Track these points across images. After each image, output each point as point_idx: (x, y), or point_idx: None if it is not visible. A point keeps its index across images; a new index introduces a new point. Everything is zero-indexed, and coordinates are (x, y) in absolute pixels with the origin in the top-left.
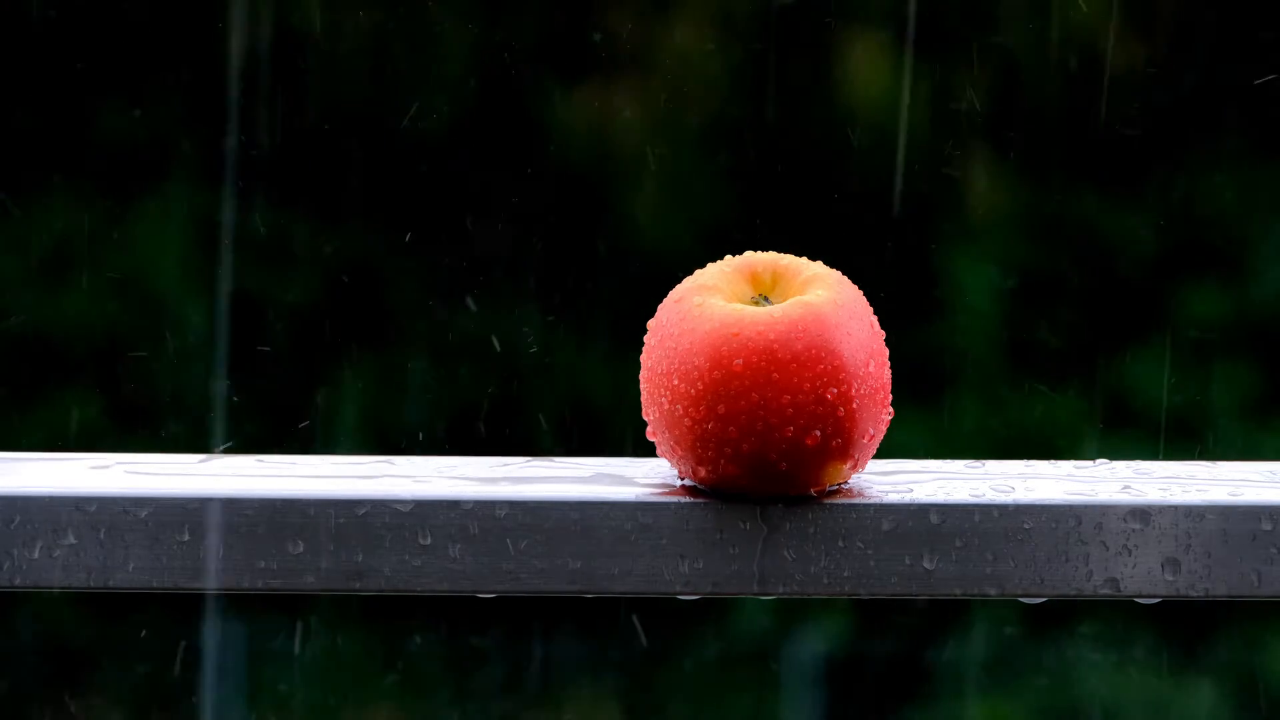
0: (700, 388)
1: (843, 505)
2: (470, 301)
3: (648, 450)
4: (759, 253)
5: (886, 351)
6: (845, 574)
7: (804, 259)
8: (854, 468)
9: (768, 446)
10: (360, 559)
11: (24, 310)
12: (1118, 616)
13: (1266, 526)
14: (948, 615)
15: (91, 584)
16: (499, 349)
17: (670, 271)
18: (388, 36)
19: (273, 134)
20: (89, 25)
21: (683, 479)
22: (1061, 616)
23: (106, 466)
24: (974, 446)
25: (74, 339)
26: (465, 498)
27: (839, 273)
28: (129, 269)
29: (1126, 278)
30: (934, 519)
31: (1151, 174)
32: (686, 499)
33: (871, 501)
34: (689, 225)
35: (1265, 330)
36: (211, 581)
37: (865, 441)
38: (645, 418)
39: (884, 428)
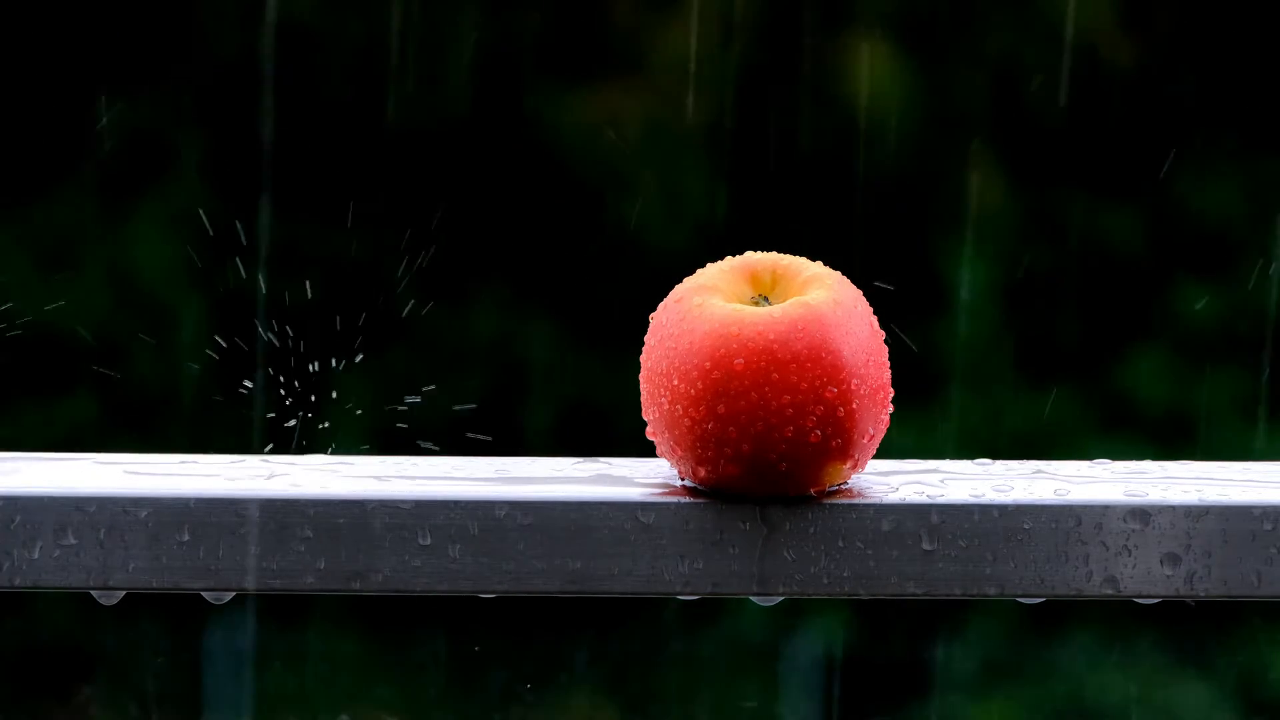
0: (700, 388)
1: (843, 505)
2: (470, 301)
3: (648, 450)
4: (759, 253)
5: (886, 351)
6: (845, 574)
7: (804, 259)
8: (854, 468)
9: (768, 446)
10: (360, 559)
11: (24, 310)
12: (1117, 616)
13: (1266, 526)
14: (948, 615)
15: (91, 584)
16: (499, 349)
17: (670, 271)
18: (388, 36)
19: (272, 133)
20: (88, 25)
21: (683, 479)
22: (1061, 617)
23: (106, 466)
24: (973, 446)
25: (73, 339)
26: (465, 498)
27: (839, 273)
28: (128, 269)
29: (1125, 277)
30: (934, 519)
31: (1149, 174)
32: (686, 499)
33: (871, 501)
34: (689, 225)
35: (1264, 330)
36: (211, 581)
37: (865, 441)
38: (645, 418)
39: (884, 428)
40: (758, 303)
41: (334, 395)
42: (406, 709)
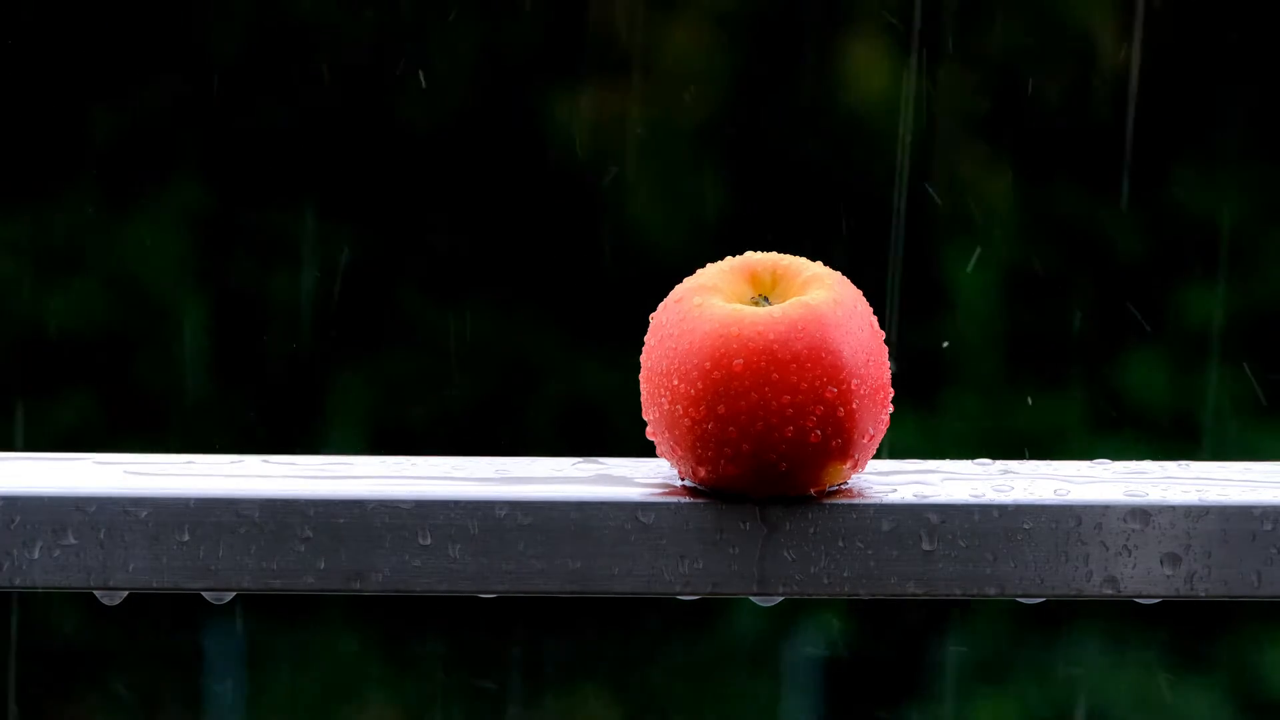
0: (700, 388)
1: (843, 505)
2: (470, 301)
3: (648, 450)
4: (759, 253)
5: (886, 351)
6: (845, 574)
7: (804, 259)
8: (854, 468)
9: (767, 446)
10: (360, 559)
11: (24, 310)
12: (1117, 616)
13: (1266, 526)
14: (947, 616)
15: (91, 584)
16: (499, 349)
17: (670, 271)
18: (388, 36)
19: (272, 133)
20: (87, 25)
21: (683, 479)
22: (1061, 617)
23: (106, 466)
24: (972, 446)
25: (73, 339)
26: (465, 498)
27: (839, 273)
28: (128, 269)
29: (1125, 278)
30: (934, 519)
31: (1150, 174)
32: (686, 499)
33: (871, 501)
34: (689, 225)
35: (1263, 330)
36: (211, 581)
37: (865, 441)
38: (645, 418)
39: (884, 428)
40: (758, 303)
41: (334, 395)
42: (406, 709)
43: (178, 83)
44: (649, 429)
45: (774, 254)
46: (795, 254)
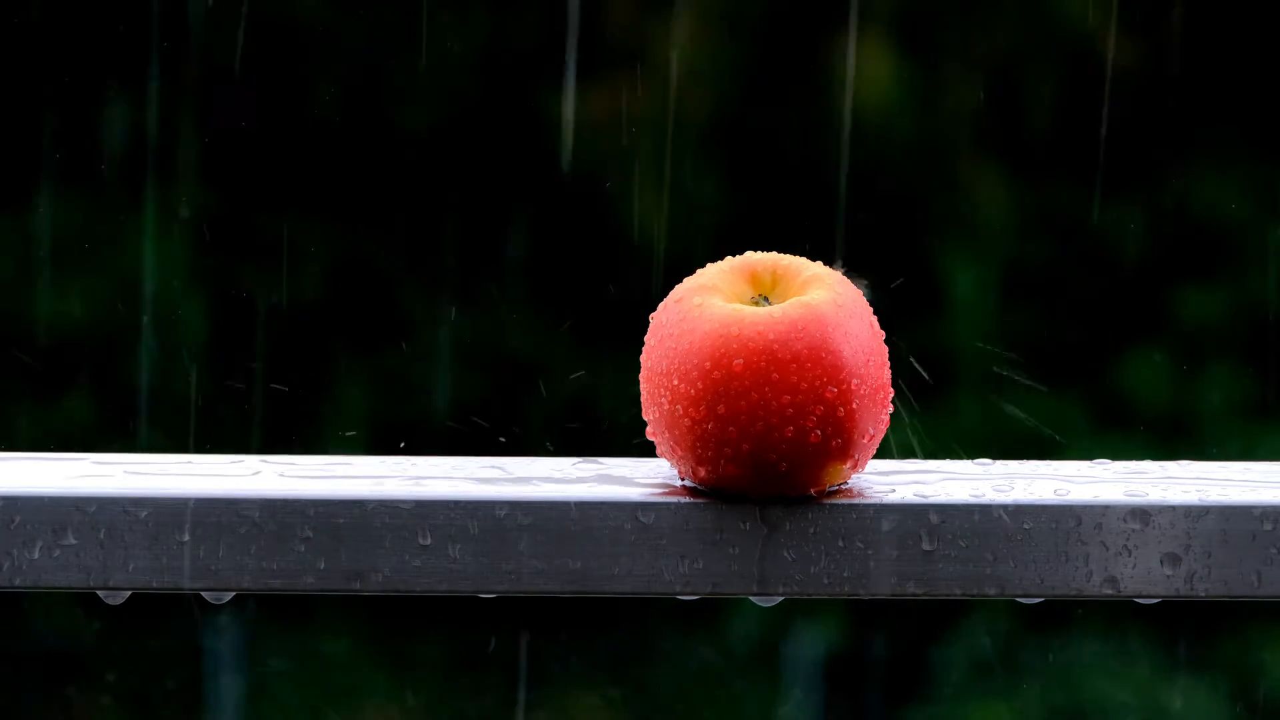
0: (700, 388)
1: (843, 505)
2: (470, 301)
3: (648, 450)
4: (759, 253)
5: (886, 351)
6: (845, 574)
7: (804, 259)
8: (854, 468)
9: (767, 446)
10: (360, 559)
11: (23, 310)
12: (1117, 616)
13: (1266, 526)
14: (947, 615)
15: (91, 584)
16: (499, 349)
17: (670, 271)
18: (389, 34)
19: (272, 133)
20: (86, 24)
21: (683, 479)
22: (1061, 616)
23: (106, 466)
24: (972, 446)
25: (72, 339)
26: (465, 498)
27: (839, 273)
28: (127, 269)
29: (1125, 278)
30: (934, 519)
31: (1149, 174)
32: (686, 499)
33: (871, 501)
34: (689, 225)
35: (1263, 330)
36: (211, 581)
37: (865, 441)
38: (645, 418)
39: (884, 428)
40: (758, 303)
41: (334, 395)
42: (406, 709)
43: (178, 82)
44: (649, 429)
45: (774, 254)
46: (795, 254)
